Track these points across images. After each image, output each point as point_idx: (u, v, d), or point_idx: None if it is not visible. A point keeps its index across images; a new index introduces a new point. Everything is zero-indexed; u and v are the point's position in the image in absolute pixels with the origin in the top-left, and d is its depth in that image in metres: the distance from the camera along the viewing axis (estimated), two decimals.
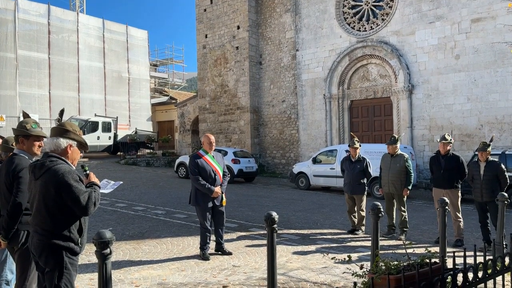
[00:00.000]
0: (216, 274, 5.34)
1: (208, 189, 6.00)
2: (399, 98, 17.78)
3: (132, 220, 8.69)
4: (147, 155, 24.33)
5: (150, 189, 13.71)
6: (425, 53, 16.99)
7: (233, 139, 22.28)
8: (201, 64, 23.53)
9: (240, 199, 12.57)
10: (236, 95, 22.12)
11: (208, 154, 6.24)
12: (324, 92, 19.93)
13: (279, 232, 8.02)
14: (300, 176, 16.48)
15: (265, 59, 22.05)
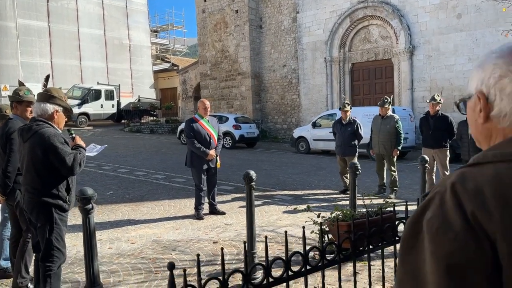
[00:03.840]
0: (209, 231, 5.64)
1: (203, 152, 6.22)
2: (400, 60, 17.63)
3: (132, 184, 9.01)
4: (151, 122, 24.58)
5: (152, 155, 14.02)
6: (427, 13, 16.69)
7: (234, 105, 22.37)
8: (201, 29, 23.31)
9: (240, 163, 12.84)
10: (237, 60, 22.02)
11: (203, 119, 6.43)
12: (325, 55, 19.77)
13: (273, 193, 8.37)
14: (300, 141, 16.65)
15: (265, 23, 21.77)
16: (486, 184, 0.79)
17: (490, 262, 0.75)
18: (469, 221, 0.77)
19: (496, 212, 0.76)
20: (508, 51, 0.89)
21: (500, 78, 0.87)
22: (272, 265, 1.98)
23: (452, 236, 0.77)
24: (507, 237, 0.74)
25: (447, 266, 0.77)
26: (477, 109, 0.92)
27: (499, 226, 0.75)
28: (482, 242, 0.76)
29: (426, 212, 0.83)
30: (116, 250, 4.99)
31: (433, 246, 0.79)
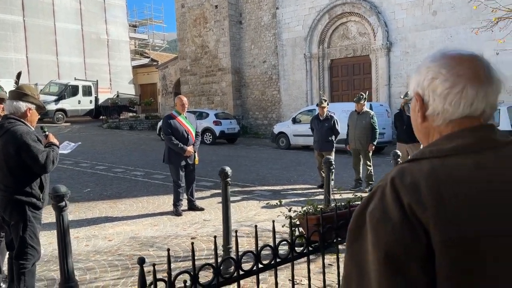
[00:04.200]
0: (187, 227, 5.68)
1: (181, 148, 6.24)
2: (378, 56, 17.89)
3: (110, 181, 8.95)
4: (130, 118, 24.33)
5: (131, 152, 13.91)
6: (403, 10, 16.97)
7: (215, 101, 22.32)
8: (180, 24, 23.12)
9: (220, 159, 12.86)
10: (217, 56, 21.95)
11: (181, 115, 6.44)
12: (304, 51, 19.89)
13: (252, 188, 8.44)
14: (281, 136, 16.75)
15: (245, 18, 21.75)
16: (422, 179, 0.86)
17: (424, 250, 0.82)
18: (406, 212, 0.84)
19: (429, 204, 0.83)
20: (440, 56, 0.97)
21: (432, 80, 0.94)
22: (242, 259, 2.04)
23: (390, 226, 0.84)
24: (439, 227, 0.81)
25: (385, 254, 0.84)
26: (416, 110, 0.99)
27: (432, 217, 0.82)
28: (417, 232, 0.83)
29: (370, 205, 0.90)
30: (93, 247, 4.98)
31: (374, 236, 0.86)
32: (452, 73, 0.92)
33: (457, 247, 0.81)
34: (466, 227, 0.82)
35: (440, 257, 0.81)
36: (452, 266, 0.81)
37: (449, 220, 0.82)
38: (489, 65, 0.94)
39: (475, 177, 0.86)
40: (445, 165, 0.88)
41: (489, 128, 0.93)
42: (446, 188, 0.84)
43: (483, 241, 0.82)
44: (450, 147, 0.90)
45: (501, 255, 0.83)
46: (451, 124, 0.94)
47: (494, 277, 0.83)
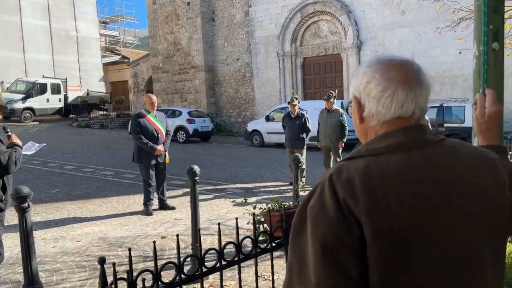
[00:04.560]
0: (157, 227, 5.65)
1: (150, 147, 6.19)
2: (349, 55, 18.18)
3: (79, 182, 8.78)
4: (101, 117, 23.87)
5: (101, 151, 13.67)
6: (373, 9, 17.30)
7: (188, 99, 22.16)
8: (152, 21, 22.82)
9: (193, 158, 12.81)
10: (190, 53, 21.79)
11: (151, 114, 6.39)
12: (277, 49, 20.00)
13: (224, 187, 8.46)
14: (254, 134, 16.80)
15: (217, 16, 21.67)
16: (356, 175, 0.93)
17: (357, 241, 0.89)
18: (341, 207, 0.90)
19: (362, 198, 0.89)
20: (375, 61, 1.04)
21: (367, 84, 1.01)
22: (205, 256, 2.07)
23: (326, 220, 0.90)
24: (370, 219, 0.88)
25: (321, 245, 0.90)
26: (355, 112, 1.06)
27: (364, 210, 0.89)
28: (351, 224, 0.89)
29: (311, 200, 0.96)
30: (60, 248, 4.90)
31: (312, 229, 0.92)
32: (384, 77, 0.99)
33: (386, 238, 0.88)
34: (394, 219, 0.88)
35: (371, 247, 0.88)
36: (381, 255, 0.87)
37: (379, 213, 0.88)
38: (419, 69, 1.01)
39: (404, 173, 0.92)
40: (378, 162, 0.94)
41: (419, 128, 0.99)
42: (378, 184, 0.91)
43: (410, 232, 0.89)
44: (384, 146, 0.97)
45: (426, 245, 0.90)
46: (385, 124, 1.00)
47: (420, 265, 0.90)
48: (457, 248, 0.92)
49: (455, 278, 0.92)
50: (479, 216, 0.94)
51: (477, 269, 0.94)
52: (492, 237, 0.96)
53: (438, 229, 0.91)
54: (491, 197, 0.97)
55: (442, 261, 0.91)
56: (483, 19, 1.27)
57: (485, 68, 1.29)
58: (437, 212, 0.91)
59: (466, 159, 0.99)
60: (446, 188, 0.93)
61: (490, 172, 0.99)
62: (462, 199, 0.93)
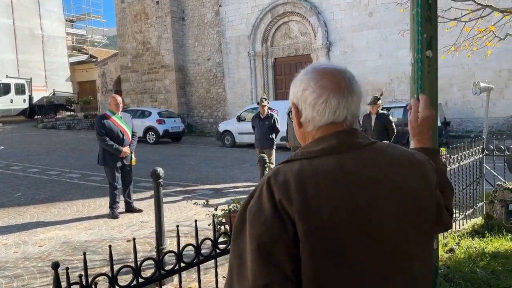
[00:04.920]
0: (123, 230, 5.57)
1: (116, 149, 6.09)
2: (318, 56, 18.40)
3: (44, 185, 8.55)
4: (68, 117, 23.28)
5: (68, 153, 13.34)
6: (341, 11, 17.58)
7: (158, 99, 21.90)
8: (120, 20, 22.42)
9: (163, 159, 12.68)
10: (159, 53, 21.53)
11: (115, 115, 6.28)
12: (248, 49, 20.03)
13: (194, 188, 8.42)
14: (226, 134, 16.76)
15: (188, 15, 21.51)
16: (292, 177, 0.97)
17: (291, 239, 0.94)
18: (277, 207, 0.95)
19: (296, 199, 0.94)
20: (311, 69, 1.09)
21: (303, 92, 1.06)
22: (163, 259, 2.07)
23: (263, 220, 0.95)
24: (303, 218, 0.93)
25: (258, 245, 0.94)
26: (294, 117, 1.10)
27: (297, 210, 0.94)
28: (285, 224, 0.94)
29: (251, 201, 1.00)
30: (22, 254, 4.77)
31: (250, 229, 0.97)
32: (318, 85, 1.04)
33: (317, 235, 0.93)
34: (325, 218, 0.94)
35: (303, 244, 0.93)
36: (313, 252, 0.93)
37: (311, 211, 0.94)
38: (351, 78, 1.07)
39: (335, 174, 0.98)
40: (312, 165, 1.00)
41: (351, 132, 1.05)
42: (311, 184, 0.96)
43: (340, 230, 0.94)
44: (318, 149, 1.02)
45: (356, 242, 0.96)
46: (320, 129, 1.06)
47: (350, 260, 0.95)
48: (385, 244, 0.98)
49: (385, 273, 0.98)
50: (406, 214, 1.01)
51: (405, 263, 1.01)
52: (420, 233, 1.03)
53: (367, 226, 0.96)
54: (418, 196, 1.03)
55: (371, 256, 0.97)
56: (417, 28, 1.34)
57: (419, 75, 1.36)
58: (366, 211, 0.97)
59: (394, 160, 1.05)
60: (375, 188, 0.99)
61: (418, 172, 1.05)
62: (389, 198, 0.99)
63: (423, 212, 1.03)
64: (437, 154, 1.29)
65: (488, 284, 3.46)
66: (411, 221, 1.01)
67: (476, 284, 3.45)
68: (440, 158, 1.30)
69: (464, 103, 15.68)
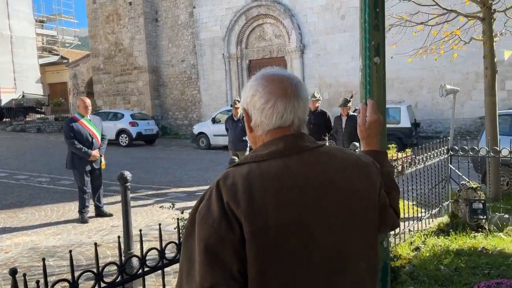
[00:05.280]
0: (92, 235, 5.48)
1: (85, 152, 5.98)
2: (292, 58, 18.57)
3: (11, 189, 8.32)
4: (38, 120, 22.68)
5: (37, 157, 13.00)
6: (315, 14, 17.79)
7: (132, 101, 21.60)
8: (92, 21, 22.02)
9: (136, 162, 12.52)
10: (132, 54, 21.25)
11: (84, 118, 6.18)
12: (223, 51, 20.01)
13: (167, 191, 8.35)
14: (201, 136, 16.68)
15: (161, 16, 21.33)
16: (240, 180, 1.00)
17: (238, 240, 0.96)
18: (225, 209, 0.98)
19: (242, 200, 0.97)
20: (260, 76, 1.13)
21: (252, 97, 1.10)
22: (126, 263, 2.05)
23: (211, 222, 0.98)
24: (249, 219, 0.96)
25: (205, 246, 0.97)
26: (246, 122, 1.13)
27: (244, 211, 0.96)
28: (232, 225, 0.97)
29: (201, 204, 1.02)
30: None
31: (198, 231, 1.00)
32: (266, 91, 1.07)
33: (263, 235, 0.96)
34: (271, 218, 0.97)
35: (249, 244, 0.96)
36: (258, 252, 0.95)
37: (257, 212, 0.96)
38: (298, 84, 1.10)
39: (281, 176, 1.01)
40: (260, 168, 1.03)
41: (297, 136, 1.08)
42: (258, 187, 0.99)
43: (285, 230, 0.97)
44: (266, 152, 1.05)
45: (301, 241, 0.99)
46: (269, 133, 1.09)
47: (295, 259, 0.98)
48: (330, 244, 1.02)
49: (329, 272, 1.01)
50: (351, 214, 1.05)
51: (350, 263, 1.04)
52: (364, 233, 1.07)
53: (312, 226, 1.00)
54: (362, 196, 1.07)
55: (316, 256, 1.00)
56: (365, 35, 1.38)
57: (368, 80, 1.40)
58: (311, 211, 1.00)
59: (340, 163, 1.08)
60: (319, 189, 1.02)
61: (363, 174, 1.09)
62: (334, 199, 1.03)
63: (367, 212, 1.08)
64: (385, 156, 1.34)
65: (451, 281, 3.57)
66: (355, 221, 1.05)
67: (440, 281, 3.56)
68: (387, 160, 1.35)
69: (434, 104, 16.12)
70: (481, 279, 3.46)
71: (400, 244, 4.41)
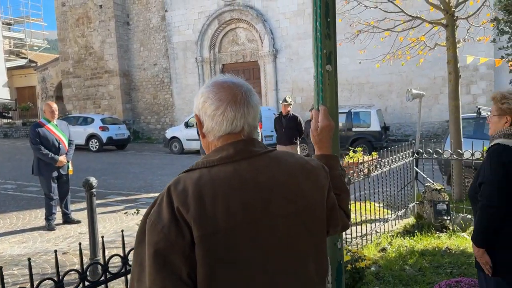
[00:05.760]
0: (59, 242, 5.35)
1: (51, 158, 5.84)
2: (265, 62, 18.69)
3: None
4: (4, 125, 21.97)
5: (3, 163, 12.60)
6: (287, 19, 17.98)
7: (102, 105, 21.22)
8: (61, 24, 21.55)
9: (106, 167, 12.30)
10: (103, 57, 20.90)
11: (51, 123, 6.03)
12: (196, 55, 19.95)
13: (137, 197, 8.23)
14: (174, 141, 16.53)
15: (132, 19, 21.08)
16: (190, 185, 1.02)
17: (188, 244, 0.98)
18: (175, 214, 0.99)
19: (192, 205, 0.99)
20: (211, 83, 1.15)
21: (204, 104, 1.12)
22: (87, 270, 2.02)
23: (160, 227, 0.99)
24: (198, 223, 0.98)
25: (154, 251, 0.98)
26: (199, 128, 1.15)
27: (193, 216, 0.98)
28: (182, 230, 0.98)
29: (152, 209, 1.03)
30: None
31: (148, 237, 1.00)
32: (216, 98, 1.10)
33: (212, 239, 0.98)
34: (220, 222, 0.99)
35: (198, 249, 0.97)
36: (207, 255, 0.97)
37: (206, 217, 0.98)
38: (248, 91, 1.13)
39: (231, 181, 1.03)
40: (211, 173, 1.05)
41: (248, 141, 1.11)
42: (208, 192, 1.01)
43: (235, 233, 1.00)
44: (217, 158, 1.07)
45: (250, 244, 1.01)
46: (220, 139, 1.11)
47: (244, 262, 1.00)
48: (278, 247, 1.04)
49: (278, 274, 1.04)
50: (299, 216, 1.08)
51: (299, 264, 1.07)
52: (312, 234, 1.10)
53: (261, 229, 1.02)
54: (310, 199, 1.11)
55: (264, 259, 1.02)
56: (317, 44, 1.43)
57: (321, 87, 1.45)
58: (259, 214, 1.03)
59: (288, 167, 1.11)
60: (268, 192, 1.05)
61: (310, 178, 1.13)
62: (282, 202, 1.06)
63: (314, 215, 1.11)
64: (336, 160, 1.38)
65: (415, 280, 3.67)
66: (303, 223, 1.08)
67: (404, 281, 3.65)
68: (338, 164, 1.39)
69: (403, 108, 16.53)
70: (444, 278, 3.57)
71: (367, 245, 4.51)
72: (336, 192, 1.23)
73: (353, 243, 4.37)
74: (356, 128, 14.08)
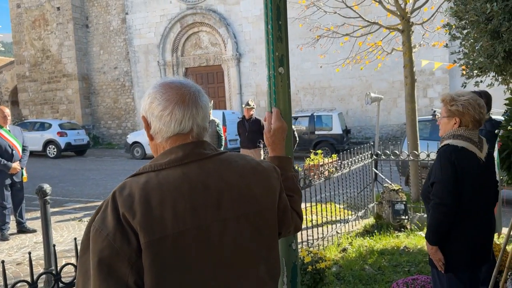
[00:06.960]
0: (13, 252, 5.12)
1: (4, 165, 5.58)
2: (229, 66, 18.69)
3: None
4: None
5: None
6: (250, 23, 18.06)
7: (60, 110, 20.51)
8: (16, 26, 20.69)
9: (64, 174, 11.88)
10: (61, 61, 20.23)
11: (3, 129, 5.77)
12: (158, 59, 19.67)
13: (96, 204, 7.98)
14: (136, 146, 16.19)
15: (92, 22, 20.54)
16: (137, 190, 0.98)
17: (134, 250, 0.94)
18: (121, 221, 0.95)
19: (138, 211, 0.95)
20: (158, 83, 1.12)
21: (151, 104, 1.09)
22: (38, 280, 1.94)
23: (105, 234, 0.95)
24: (145, 229, 0.94)
25: (99, 260, 0.94)
26: (146, 130, 1.12)
27: (140, 222, 0.95)
28: (128, 237, 0.94)
29: (96, 216, 0.99)
30: None
31: (93, 245, 0.96)
32: (164, 98, 1.07)
33: (160, 244, 0.95)
34: (169, 226, 0.96)
35: (145, 255, 0.94)
36: (155, 261, 0.94)
37: (154, 222, 0.95)
38: (197, 92, 1.11)
39: (180, 184, 1.01)
40: (159, 177, 1.01)
41: (197, 143, 1.09)
42: (155, 196, 0.97)
43: (184, 237, 0.97)
44: (165, 161, 1.04)
45: (199, 247, 0.99)
46: (169, 140, 1.08)
47: (193, 265, 0.98)
48: (228, 249, 1.03)
49: (228, 277, 1.02)
50: (249, 219, 1.07)
51: (249, 264, 1.06)
52: (264, 236, 1.10)
53: (210, 233, 1.00)
54: (261, 201, 1.10)
55: (214, 262, 1.01)
56: (270, 47, 1.44)
57: (274, 89, 1.46)
58: (209, 218, 1.01)
59: (239, 169, 1.10)
60: (218, 195, 1.03)
61: (261, 179, 1.12)
62: (232, 204, 1.05)
63: (265, 216, 1.10)
64: (289, 161, 1.38)
65: (375, 279, 3.76)
66: (254, 226, 1.07)
67: (364, 280, 3.73)
68: (291, 165, 1.40)
69: (363, 112, 16.96)
70: (402, 277, 3.68)
71: (328, 246, 4.57)
72: (288, 194, 1.23)
73: (315, 244, 4.42)
74: (319, 131, 14.32)
